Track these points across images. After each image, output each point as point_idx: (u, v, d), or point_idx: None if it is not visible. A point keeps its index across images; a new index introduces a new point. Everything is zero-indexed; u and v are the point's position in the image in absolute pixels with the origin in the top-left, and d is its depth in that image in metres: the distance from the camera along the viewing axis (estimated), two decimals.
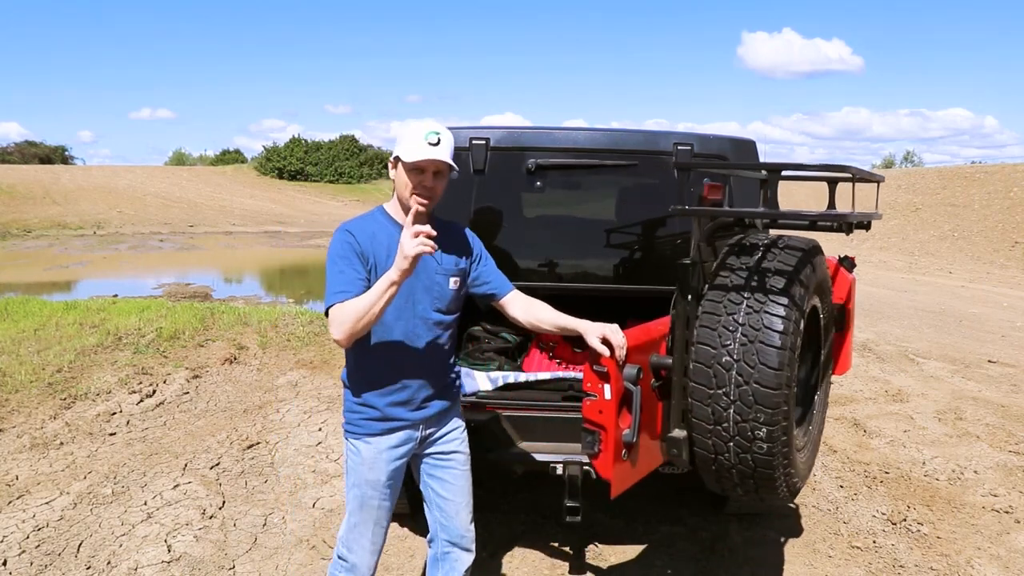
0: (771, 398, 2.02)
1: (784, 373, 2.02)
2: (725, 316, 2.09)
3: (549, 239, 3.45)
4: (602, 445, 2.13)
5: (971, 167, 27.43)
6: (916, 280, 15.26)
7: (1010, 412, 5.73)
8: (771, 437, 2.06)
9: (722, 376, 2.08)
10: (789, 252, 2.16)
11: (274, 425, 5.28)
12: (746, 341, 2.05)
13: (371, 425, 2.30)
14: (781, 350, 2.02)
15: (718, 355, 2.08)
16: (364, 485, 2.33)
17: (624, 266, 3.36)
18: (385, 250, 2.23)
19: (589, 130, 3.33)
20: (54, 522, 3.72)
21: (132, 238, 27.26)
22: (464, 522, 2.48)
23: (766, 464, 2.10)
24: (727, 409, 2.08)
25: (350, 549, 2.38)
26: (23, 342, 7.57)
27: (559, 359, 3.50)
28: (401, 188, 2.26)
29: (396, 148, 2.25)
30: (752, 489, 2.21)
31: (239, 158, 63.17)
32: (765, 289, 2.08)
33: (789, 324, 2.04)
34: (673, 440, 2.24)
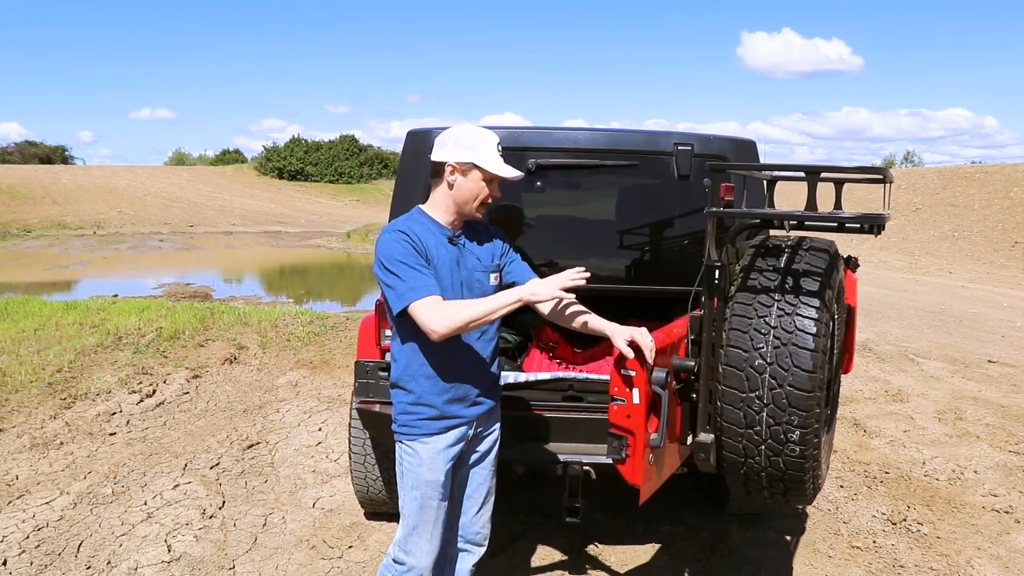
0: (805, 401, 2.01)
1: (818, 375, 2.01)
2: (756, 319, 2.07)
3: (549, 239, 3.45)
4: (630, 450, 2.09)
5: (971, 167, 27.44)
6: (916, 280, 15.26)
7: (1010, 412, 5.73)
8: (804, 440, 2.05)
9: (755, 379, 2.06)
10: (816, 254, 2.15)
11: (274, 425, 5.28)
12: (779, 344, 2.03)
13: (428, 425, 2.30)
14: (815, 352, 2.01)
15: (750, 358, 2.06)
16: (424, 486, 2.31)
17: (624, 266, 3.36)
18: (434, 249, 2.25)
19: (589, 130, 3.32)
20: (54, 522, 3.72)
21: (132, 238, 27.26)
22: (482, 519, 2.52)
23: (797, 467, 2.09)
24: (760, 412, 2.06)
25: (409, 553, 2.34)
26: (23, 342, 7.57)
27: (559, 359, 3.50)
28: (467, 195, 2.27)
29: (469, 154, 2.23)
30: (780, 492, 2.19)
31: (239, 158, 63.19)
32: (797, 291, 2.06)
33: (821, 326, 2.03)
34: (700, 444, 2.21)
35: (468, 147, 2.24)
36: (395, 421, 2.35)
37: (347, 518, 3.84)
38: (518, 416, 3.10)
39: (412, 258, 2.18)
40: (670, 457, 2.31)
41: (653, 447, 2.12)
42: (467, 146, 2.24)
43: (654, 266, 3.33)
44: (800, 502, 2.29)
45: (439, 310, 2.12)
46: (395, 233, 2.21)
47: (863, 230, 2.19)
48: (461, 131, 2.27)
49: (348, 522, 3.80)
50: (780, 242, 2.23)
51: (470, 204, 2.28)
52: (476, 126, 2.31)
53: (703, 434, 2.22)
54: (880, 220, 2.06)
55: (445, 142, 2.27)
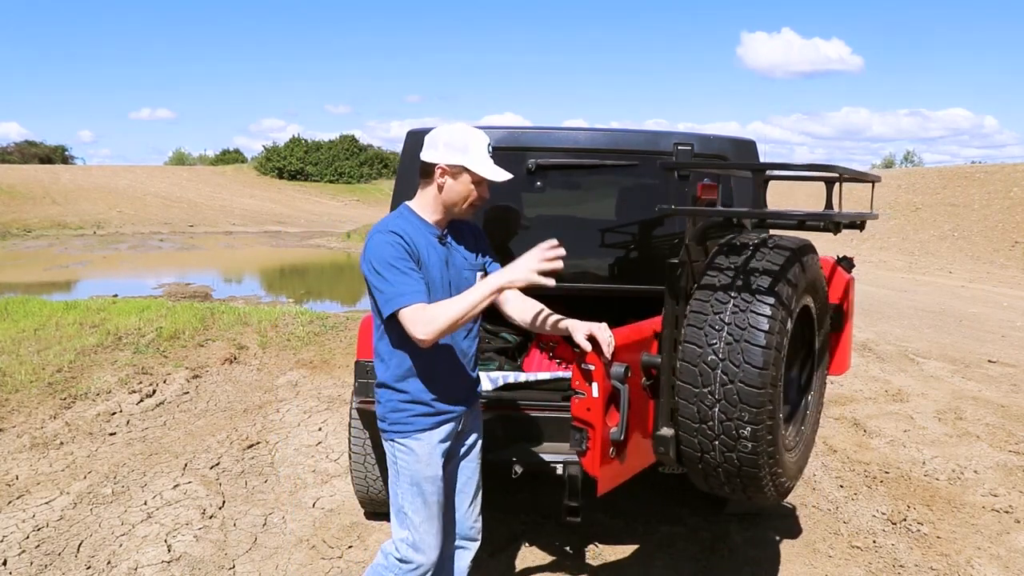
0: (756, 397, 2.03)
1: (769, 372, 2.03)
2: (712, 315, 2.10)
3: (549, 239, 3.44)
4: (589, 443, 2.14)
5: (971, 167, 27.43)
6: (916, 280, 15.26)
7: (1010, 412, 5.73)
8: (755, 436, 2.07)
9: (708, 375, 2.08)
10: (777, 251, 2.17)
11: (274, 425, 5.28)
12: (732, 340, 2.06)
13: (422, 421, 2.31)
14: (766, 349, 2.03)
15: (704, 354, 2.09)
16: (424, 483, 2.32)
17: (624, 266, 3.36)
18: (424, 249, 2.24)
19: (589, 130, 3.33)
20: (54, 522, 3.72)
21: (132, 238, 27.27)
22: (473, 514, 2.54)
23: (751, 463, 2.11)
24: (712, 408, 2.09)
25: (419, 551, 2.34)
26: (23, 342, 7.57)
27: (559, 359, 3.50)
28: (458, 197, 2.26)
29: (459, 156, 2.21)
30: (739, 489, 2.21)
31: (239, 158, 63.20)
32: (751, 288, 2.09)
33: (775, 323, 2.04)
34: (661, 438, 2.25)
35: (459, 149, 2.22)
36: (384, 420, 2.35)
37: (347, 518, 3.84)
38: (518, 416, 3.11)
39: (403, 261, 2.16)
40: (639, 452, 2.34)
41: (614, 440, 2.16)
42: (458, 148, 2.22)
43: (654, 266, 3.33)
44: (762, 500, 2.30)
45: (424, 316, 2.11)
46: (388, 235, 2.20)
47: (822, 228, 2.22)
48: (452, 132, 2.25)
49: (348, 522, 3.80)
50: (745, 240, 2.25)
51: (459, 206, 2.27)
52: (467, 126, 2.29)
53: (664, 428, 2.26)
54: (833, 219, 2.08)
55: (436, 143, 2.24)
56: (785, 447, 2.29)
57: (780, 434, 2.18)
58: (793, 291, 2.13)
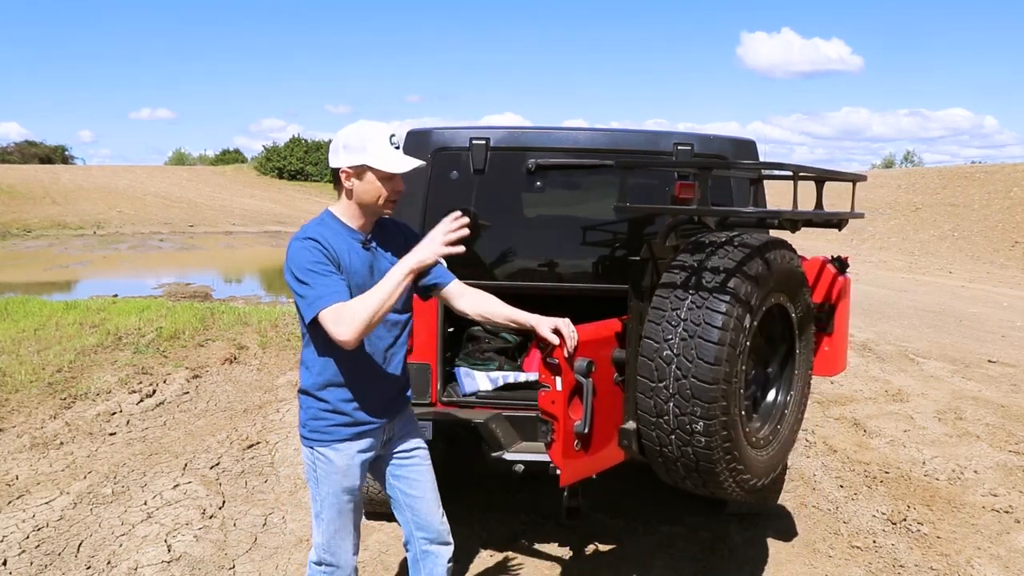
0: (708, 392, 2.07)
1: (721, 368, 2.06)
2: (669, 312, 2.15)
3: (549, 239, 3.45)
4: (554, 435, 2.21)
5: (971, 167, 27.44)
6: (916, 280, 15.26)
7: (1010, 412, 5.73)
8: (709, 431, 2.10)
9: (663, 370, 2.13)
10: (739, 249, 2.19)
11: (274, 425, 5.28)
12: (686, 336, 2.09)
13: (340, 431, 2.27)
14: (719, 345, 2.06)
15: (660, 349, 2.13)
16: (341, 493, 2.31)
17: (624, 266, 3.36)
18: (346, 255, 2.20)
19: (589, 130, 3.33)
20: (54, 522, 3.72)
21: (132, 238, 27.27)
22: (437, 516, 2.47)
23: (706, 458, 2.14)
24: (667, 402, 2.13)
25: (334, 554, 2.36)
26: (23, 342, 7.57)
27: None
28: (371, 197, 2.21)
29: (359, 156, 2.17)
30: (699, 483, 2.24)
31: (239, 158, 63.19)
32: (707, 285, 2.12)
33: (730, 320, 2.07)
34: (625, 432, 2.31)
35: (357, 149, 2.18)
36: (304, 427, 2.31)
37: None
38: (518, 416, 3.11)
39: (321, 265, 2.12)
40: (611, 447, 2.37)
41: (578, 433, 2.22)
42: (356, 148, 2.18)
43: None
44: (724, 496, 2.31)
45: (344, 314, 2.05)
46: (305, 241, 2.16)
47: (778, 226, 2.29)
48: (349, 133, 2.21)
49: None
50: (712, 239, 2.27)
51: (375, 205, 2.23)
52: (366, 122, 2.23)
53: (629, 422, 2.31)
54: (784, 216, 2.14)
55: (337, 148, 2.20)
56: (752, 444, 2.30)
57: (739, 430, 2.20)
58: (754, 288, 2.15)
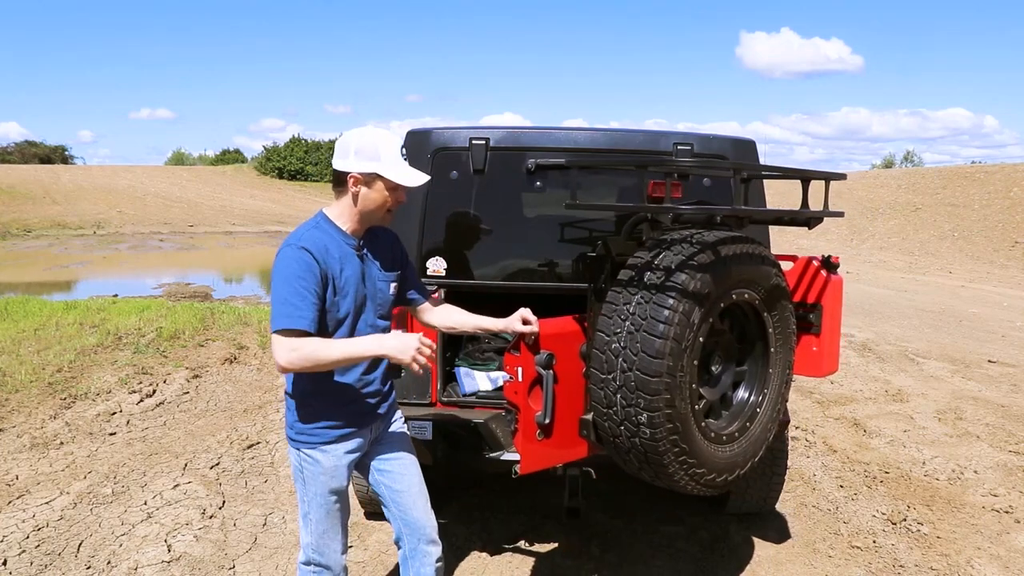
0: (650, 385, 2.11)
1: (664, 362, 2.10)
2: (620, 306, 2.20)
3: (549, 239, 3.44)
4: (517, 424, 2.30)
5: (971, 167, 27.42)
6: (916, 280, 15.26)
7: (1010, 412, 5.73)
8: (653, 423, 2.14)
9: (612, 362, 2.18)
10: (694, 246, 2.22)
11: (274, 425, 5.28)
12: (633, 329, 2.15)
13: (327, 433, 2.27)
14: (663, 339, 2.10)
15: (609, 342, 2.19)
16: (328, 494, 2.32)
17: None
18: (338, 263, 2.18)
19: (589, 130, 3.32)
20: (54, 522, 3.72)
21: (132, 238, 27.26)
22: (423, 511, 2.45)
23: (653, 450, 2.18)
24: (615, 394, 2.19)
25: (322, 554, 2.37)
26: (23, 342, 7.57)
27: None
28: (375, 205, 2.20)
29: (371, 164, 2.15)
30: (652, 475, 2.28)
31: (239, 158, 63.23)
32: (655, 281, 2.17)
33: (674, 315, 2.11)
34: (584, 422, 2.38)
35: (370, 156, 2.16)
36: (291, 428, 2.31)
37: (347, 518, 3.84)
38: None
39: (302, 281, 2.07)
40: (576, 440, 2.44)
41: (539, 423, 2.30)
42: (369, 155, 2.16)
43: None
44: (679, 489, 2.30)
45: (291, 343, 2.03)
46: (298, 251, 2.11)
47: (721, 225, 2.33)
48: (361, 138, 2.19)
49: (349, 522, 3.79)
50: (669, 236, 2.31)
51: (376, 214, 2.22)
52: (377, 130, 2.23)
53: (589, 413, 2.36)
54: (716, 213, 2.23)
55: (347, 151, 2.19)
56: (713, 440, 2.32)
57: (690, 424, 2.21)
58: (705, 284, 2.16)
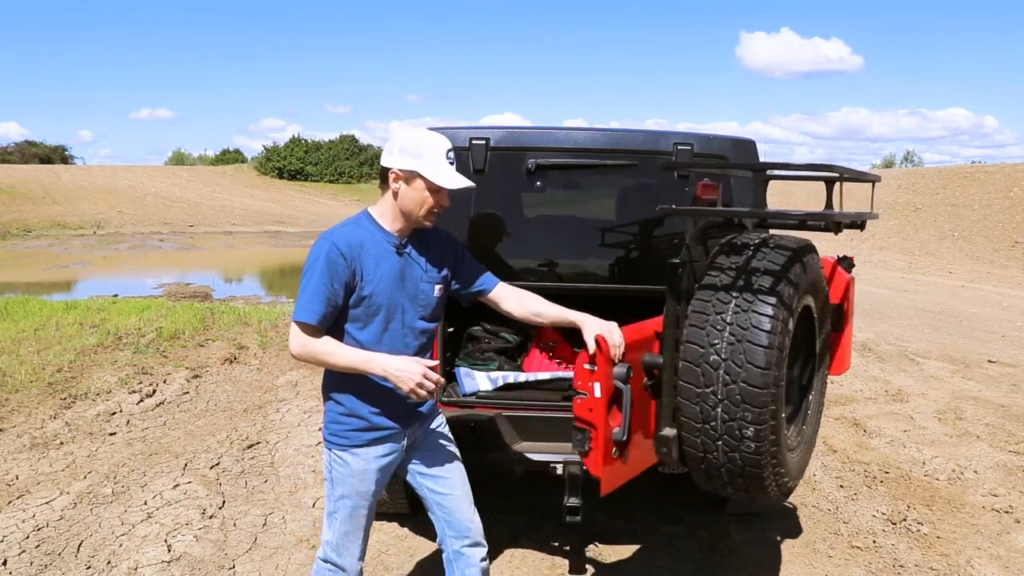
0: (758, 397, 2.04)
1: (772, 372, 2.04)
2: (713, 315, 2.11)
3: (549, 239, 3.45)
4: (592, 443, 2.15)
5: (971, 167, 27.42)
6: (916, 280, 15.26)
7: (1010, 412, 5.73)
8: (759, 436, 2.07)
9: (710, 375, 2.09)
10: (779, 251, 2.17)
11: (274, 425, 5.28)
12: (734, 340, 2.06)
13: (357, 436, 2.27)
14: (768, 349, 2.03)
15: (706, 354, 2.10)
16: (355, 496, 2.31)
17: (624, 266, 3.36)
18: (374, 260, 2.19)
19: (589, 130, 3.33)
20: (54, 522, 3.72)
21: (132, 238, 27.26)
22: (467, 513, 2.45)
23: (754, 463, 2.11)
24: (715, 408, 2.09)
25: (340, 555, 2.36)
26: (23, 342, 7.57)
27: (559, 359, 3.50)
28: (414, 204, 2.20)
29: (413, 162, 2.16)
30: (742, 488, 2.21)
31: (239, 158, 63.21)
32: (753, 288, 2.09)
33: (777, 323, 2.05)
34: (663, 439, 2.26)
35: (413, 154, 2.17)
36: (325, 428, 2.32)
37: None
38: (518, 416, 3.11)
39: (325, 276, 2.12)
40: (641, 452, 2.34)
41: (616, 441, 2.17)
42: (412, 153, 2.17)
43: (654, 265, 3.33)
44: (765, 499, 2.31)
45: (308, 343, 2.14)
46: (329, 245, 2.15)
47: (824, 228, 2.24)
48: (408, 136, 2.20)
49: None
50: (745, 240, 2.26)
51: (416, 213, 2.21)
52: (426, 131, 2.24)
53: (666, 429, 2.26)
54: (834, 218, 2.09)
55: (392, 148, 2.20)
56: (787, 447, 2.29)
57: (783, 434, 2.18)
58: (795, 291, 2.13)
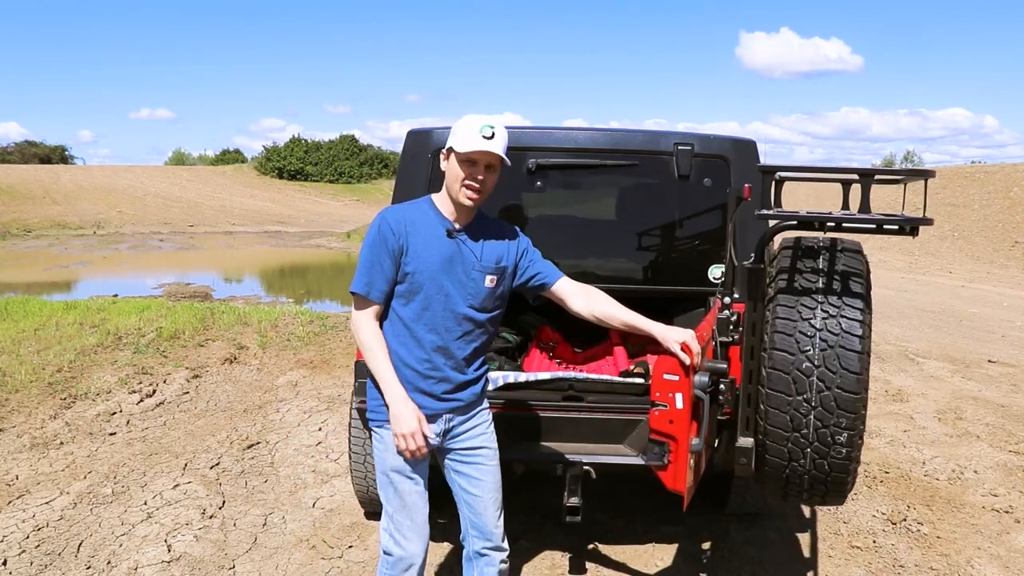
0: (853, 403, 2.02)
1: (864, 377, 2.03)
2: (801, 321, 2.07)
3: (549, 239, 3.44)
4: (672, 456, 2.07)
5: (971, 167, 27.41)
6: (916, 280, 15.25)
7: (1010, 412, 5.73)
8: (851, 442, 2.06)
9: (802, 382, 2.06)
10: (851, 255, 2.15)
11: (274, 425, 5.28)
12: (826, 346, 2.04)
13: None
14: (861, 354, 2.02)
15: (797, 361, 2.06)
16: (390, 472, 2.32)
17: (624, 266, 3.36)
18: (422, 238, 2.25)
19: (589, 130, 3.32)
20: (54, 522, 3.72)
21: (132, 238, 27.25)
22: (492, 518, 2.45)
23: (842, 468, 2.10)
24: (807, 415, 2.07)
25: (396, 543, 2.35)
26: (23, 342, 7.57)
27: (559, 359, 3.50)
28: (452, 180, 2.26)
29: (450, 139, 2.25)
30: (820, 494, 2.21)
31: (239, 158, 63.17)
32: (840, 292, 2.06)
33: (865, 328, 2.04)
34: (742, 450, 2.22)
35: (452, 133, 2.26)
36: (368, 408, 2.37)
37: (347, 518, 3.84)
38: (518, 416, 3.10)
39: (374, 248, 2.24)
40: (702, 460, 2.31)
41: (694, 451, 2.10)
42: (453, 132, 2.26)
43: (654, 266, 3.33)
44: (837, 502, 2.31)
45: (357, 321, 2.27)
46: (381, 219, 2.27)
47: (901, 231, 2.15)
48: (460, 120, 2.29)
49: (348, 522, 3.80)
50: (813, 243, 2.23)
51: (454, 189, 2.26)
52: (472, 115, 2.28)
53: (742, 438, 2.22)
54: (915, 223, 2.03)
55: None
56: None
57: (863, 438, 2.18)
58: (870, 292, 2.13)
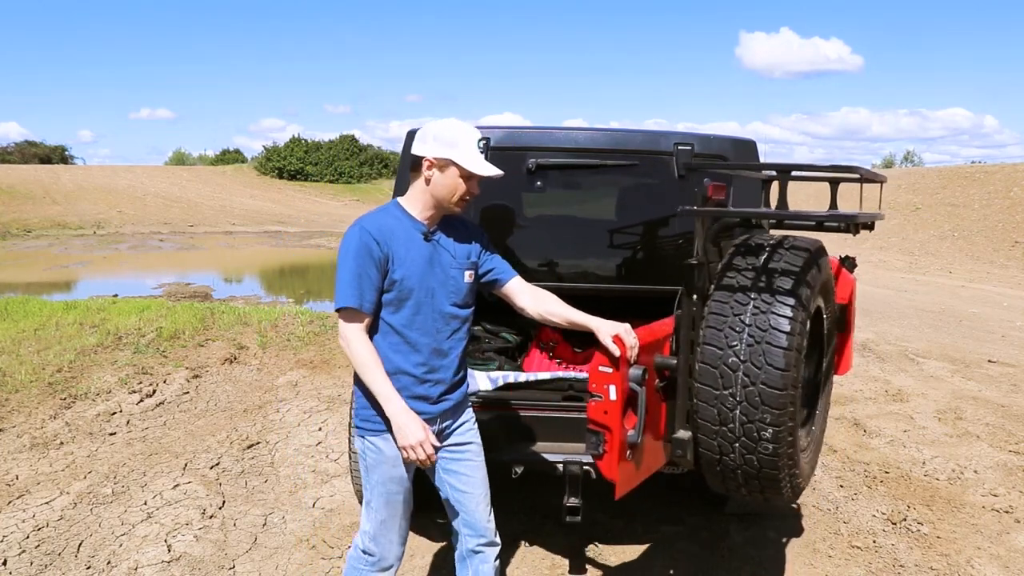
0: (777, 399, 2.02)
1: (791, 374, 2.02)
2: (732, 317, 2.09)
3: (549, 239, 3.45)
4: (607, 446, 2.12)
5: (971, 167, 27.41)
6: (916, 280, 15.26)
7: (1010, 412, 5.73)
8: (777, 438, 2.06)
9: (728, 377, 2.07)
10: (795, 253, 2.16)
11: (274, 425, 5.28)
12: (753, 342, 2.04)
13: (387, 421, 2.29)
14: (788, 351, 2.02)
15: (724, 356, 2.07)
16: (389, 482, 2.32)
17: (624, 266, 3.36)
18: (403, 244, 2.25)
19: (589, 130, 3.33)
20: (54, 522, 3.72)
21: (132, 238, 27.24)
22: (484, 514, 2.47)
23: (771, 465, 2.10)
24: (733, 410, 2.08)
25: (378, 543, 2.37)
26: (23, 342, 7.57)
27: (559, 359, 3.50)
28: (447, 191, 2.25)
29: (448, 151, 2.22)
30: (757, 490, 2.21)
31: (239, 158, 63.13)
32: (772, 290, 2.07)
33: (796, 325, 2.03)
34: (678, 441, 2.24)
35: (447, 143, 2.23)
36: (356, 416, 2.35)
37: (347, 518, 3.84)
38: (518, 416, 3.11)
39: (358, 259, 2.20)
40: (653, 454, 2.32)
41: (631, 444, 2.15)
42: (446, 142, 2.23)
43: (654, 266, 3.33)
44: (779, 500, 2.30)
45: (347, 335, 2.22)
46: (360, 229, 2.23)
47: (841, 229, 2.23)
48: (442, 126, 2.26)
49: (348, 522, 3.80)
50: (760, 241, 2.23)
51: (447, 200, 2.27)
52: (459, 121, 2.29)
53: (681, 431, 2.25)
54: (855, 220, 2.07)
55: (426, 137, 2.26)
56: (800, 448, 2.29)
57: (798, 435, 2.17)
58: (811, 293, 2.12)
